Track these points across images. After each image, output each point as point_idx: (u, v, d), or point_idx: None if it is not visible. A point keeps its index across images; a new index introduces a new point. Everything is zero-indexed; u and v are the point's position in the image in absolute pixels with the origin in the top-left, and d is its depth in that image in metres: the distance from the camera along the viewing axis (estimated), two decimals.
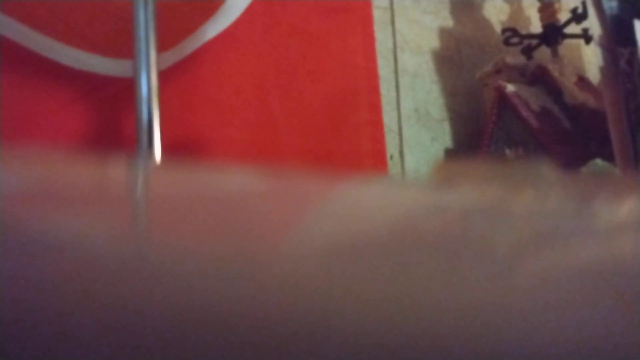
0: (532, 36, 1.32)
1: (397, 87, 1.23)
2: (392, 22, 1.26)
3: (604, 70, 0.98)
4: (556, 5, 1.31)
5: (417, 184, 0.25)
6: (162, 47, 0.82)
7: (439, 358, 0.07)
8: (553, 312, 0.08)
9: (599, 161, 1.01)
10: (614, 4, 0.99)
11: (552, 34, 1.29)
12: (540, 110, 1.15)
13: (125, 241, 0.10)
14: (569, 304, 0.08)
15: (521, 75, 1.23)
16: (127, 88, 0.82)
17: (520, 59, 1.28)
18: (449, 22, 1.36)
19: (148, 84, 0.73)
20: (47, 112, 0.88)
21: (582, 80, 1.23)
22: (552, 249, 0.11)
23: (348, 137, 1.11)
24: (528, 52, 1.30)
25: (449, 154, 1.25)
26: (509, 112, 1.16)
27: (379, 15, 1.23)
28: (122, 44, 0.82)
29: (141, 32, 0.75)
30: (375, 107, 1.16)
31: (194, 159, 0.98)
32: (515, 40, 1.31)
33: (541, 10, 1.32)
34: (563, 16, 1.30)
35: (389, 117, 1.19)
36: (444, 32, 1.34)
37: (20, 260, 0.08)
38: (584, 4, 1.20)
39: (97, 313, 0.07)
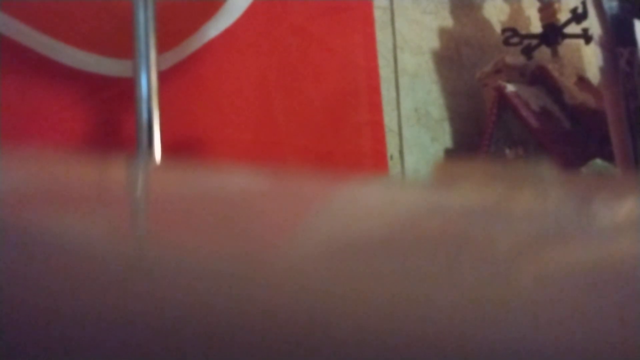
0: (532, 36, 1.32)
1: (397, 87, 1.23)
2: (392, 22, 1.26)
3: (604, 70, 0.98)
4: (556, 5, 1.31)
5: (417, 184, 0.25)
6: (162, 48, 0.82)
7: (439, 357, 0.07)
8: (553, 311, 0.08)
9: (599, 161, 1.01)
10: (614, 4, 0.99)
11: (552, 34, 1.29)
12: (540, 110, 1.15)
13: (125, 241, 0.10)
14: (569, 304, 0.08)
15: (521, 75, 1.23)
16: (127, 88, 0.82)
17: (520, 59, 1.28)
18: (449, 22, 1.36)
19: (148, 85, 0.73)
20: (47, 111, 0.88)
21: (582, 80, 1.23)
22: (552, 249, 0.11)
23: (349, 137, 1.11)
24: (528, 52, 1.30)
25: (449, 154, 1.25)
26: (509, 112, 1.16)
27: (379, 15, 1.23)
28: (123, 43, 0.82)
29: (141, 32, 0.75)
30: (376, 107, 1.16)
31: (194, 159, 0.98)
32: (515, 40, 1.31)
33: (541, 10, 1.32)
34: (563, 16, 1.30)
35: (389, 117, 1.19)
36: (444, 32, 1.34)
37: (20, 260, 0.08)
38: (584, 4, 1.20)
39: (96, 313, 0.07)
